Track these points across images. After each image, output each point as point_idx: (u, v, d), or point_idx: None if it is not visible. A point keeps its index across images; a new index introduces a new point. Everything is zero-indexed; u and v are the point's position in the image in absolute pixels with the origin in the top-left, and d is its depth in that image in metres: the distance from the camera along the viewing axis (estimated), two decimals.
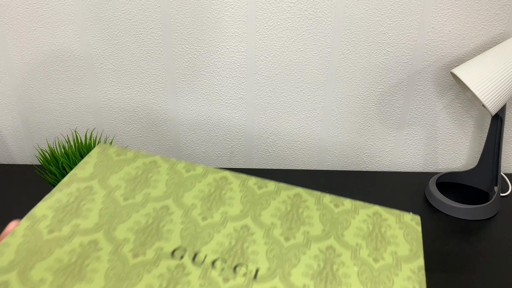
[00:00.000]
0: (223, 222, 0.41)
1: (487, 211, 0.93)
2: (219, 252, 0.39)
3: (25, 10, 0.92)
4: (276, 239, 0.40)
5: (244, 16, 0.92)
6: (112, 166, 0.47)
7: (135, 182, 0.45)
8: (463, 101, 1.02)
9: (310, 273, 0.38)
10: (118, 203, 0.43)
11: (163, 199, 0.43)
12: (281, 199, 0.43)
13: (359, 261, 0.39)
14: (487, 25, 0.92)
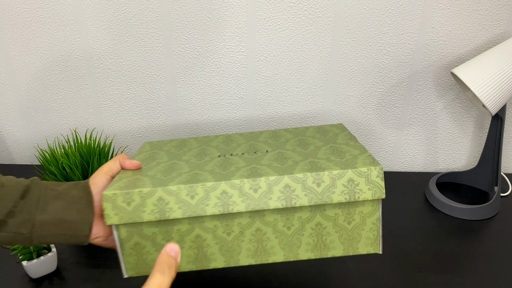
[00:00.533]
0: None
1: (487, 211, 0.93)
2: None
3: (25, 10, 0.92)
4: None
5: (244, 16, 0.92)
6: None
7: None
8: (463, 101, 1.02)
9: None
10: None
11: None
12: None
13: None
14: (487, 25, 0.92)
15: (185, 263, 0.58)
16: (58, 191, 0.59)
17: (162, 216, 0.55)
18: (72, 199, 0.59)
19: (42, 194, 0.59)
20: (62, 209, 0.58)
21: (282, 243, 0.57)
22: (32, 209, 0.57)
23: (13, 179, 0.59)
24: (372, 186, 0.56)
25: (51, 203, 0.58)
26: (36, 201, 0.58)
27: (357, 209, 0.57)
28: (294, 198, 0.55)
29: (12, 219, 0.57)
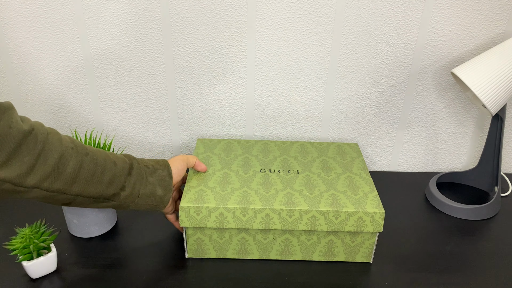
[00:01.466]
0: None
1: (488, 211, 0.93)
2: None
3: (25, 10, 0.92)
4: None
5: (244, 16, 0.92)
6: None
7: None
8: (463, 101, 1.02)
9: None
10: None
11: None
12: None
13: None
14: (487, 25, 0.92)
15: (230, 253, 0.80)
16: (150, 168, 0.74)
17: (221, 225, 0.76)
18: (160, 177, 0.74)
19: (142, 171, 0.72)
20: (155, 185, 0.73)
21: (302, 249, 0.80)
22: (137, 184, 0.71)
23: (117, 156, 0.72)
24: (375, 223, 0.76)
25: (148, 179, 0.73)
26: (140, 178, 0.72)
27: (361, 235, 0.78)
28: (317, 225, 0.76)
29: (123, 192, 0.70)
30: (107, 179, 0.68)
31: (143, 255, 0.81)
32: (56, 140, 0.64)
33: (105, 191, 0.68)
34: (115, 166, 0.69)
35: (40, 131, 0.62)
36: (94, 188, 0.67)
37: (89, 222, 0.83)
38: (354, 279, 0.77)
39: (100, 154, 0.69)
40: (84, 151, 0.67)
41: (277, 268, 0.79)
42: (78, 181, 0.65)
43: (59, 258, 0.79)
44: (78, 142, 0.67)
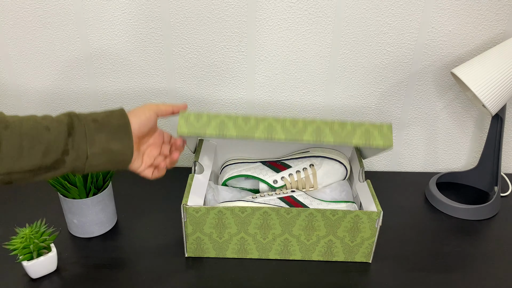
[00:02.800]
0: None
1: (487, 211, 0.93)
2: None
3: (25, 10, 0.92)
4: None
5: (244, 16, 0.92)
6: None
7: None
8: (463, 101, 1.02)
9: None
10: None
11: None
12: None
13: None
14: (487, 25, 0.92)
15: (230, 253, 0.80)
16: (99, 122, 0.65)
17: (221, 133, 0.72)
18: (114, 129, 0.66)
19: (87, 129, 0.64)
20: (107, 140, 0.65)
21: (302, 249, 0.80)
22: (82, 144, 0.63)
23: (52, 119, 0.63)
24: (383, 136, 0.72)
25: (96, 135, 0.64)
26: (84, 136, 0.63)
27: (360, 234, 0.78)
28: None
29: (68, 156, 0.62)
30: (40, 149, 0.60)
31: (143, 255, 0.81)
32: None
33: (42, 161, 0.60)
34: (47, 131, 0.61)
35: None
36: (26, 161, 0.60)
37: (89, 222, 0.83)
38: (353, 279, 0.77)
39: (27, 122, 0.61)
40: (2, 125, 0.59)
41: (277, 268, 0.79)
42: (3, 159, 0.58)
43: (59, 258, 0.79)
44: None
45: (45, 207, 0.92)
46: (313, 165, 0.93)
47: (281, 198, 0.85)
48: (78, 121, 0.64)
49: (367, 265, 0.80)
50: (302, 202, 0.85)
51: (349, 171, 0.95)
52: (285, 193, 0.87)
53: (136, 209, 0.93)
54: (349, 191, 0.91)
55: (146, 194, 0.98)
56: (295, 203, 0.84)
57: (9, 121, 0.59)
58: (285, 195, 0.86)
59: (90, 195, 0.82)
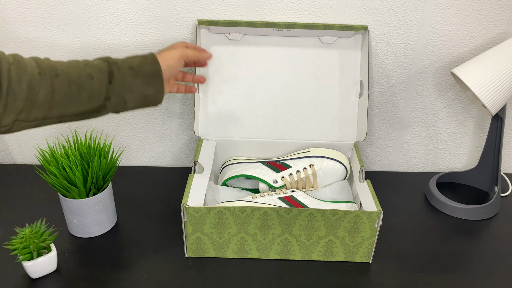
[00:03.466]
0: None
1: (487, 211, 0.93)
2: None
3: (25, 10, 0.92)
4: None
5: (244, 16, 0.92)
6: None
7: None
8: (463, 101, 1.02)
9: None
10: None
11: None
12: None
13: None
14: (487, 25, 0.92)
15: (230, 253, 0.80)
16: (134, 69, 0.70)
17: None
18: (148, 76, 0.72)
19: (125, 76, 0.69)
20: (142, 86, 0.71)
21: (302, 249, 0.80)
22: (121, 91, 0.69)
23: (94, 66, 0.68)
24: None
25: (133, 81, 0.70)
26: (123, 83, 0.69)
27: (360, 234, 0.78)
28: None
29: (109, 102, 0.68)
30: (86, 96, 0.66)
31: (143, 255, 0.81)
32: (20, 70, 0.60)
33: (88, 106, 0.67)
34: (91, 80, 0.66)
35: (2, 66, 0.59)
36: (74, 107, 0.65)
37: (89, 222, 0.83)
38: (353, 279, 0.77)
39: (73, 70, 0.66)
40: (53, 73, 0.63)
41: (277, 268, 0.79)
42: (55, 105, 0.63)
43: (59, 258, 0.79)
44: (45, 64, 0.64)
45: (45, 207, 0.92)
46: (313, 165, 0.93)
47: (281, 198, 0.85)
48: (117, 69, 0.69)
49: (367, 265, 0.80)
50: (302, 202, 0.85)
51: (349, 171, 0.95)
52: (285, 193, 0.87)
53: (136, 209, 0.93)
54: (349, 191, 0.91)
55: (146, 194, 0.98)
56: (295, 203, 0.84)
57: (58, 69, 0.64)
58: (285, 195, 0.86)
59: (90, 195, 0.82)
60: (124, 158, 1.09)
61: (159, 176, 1.05)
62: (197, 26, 0.90)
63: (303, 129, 0.99)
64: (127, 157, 1.09)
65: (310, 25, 0.89)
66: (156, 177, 1.05)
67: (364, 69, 0.92)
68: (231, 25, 0.88)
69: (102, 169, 0.81)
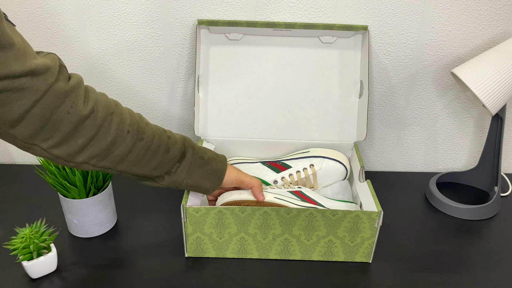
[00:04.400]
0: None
1: (488, 211, 0.93)
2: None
3: (25, 10, 0.92)
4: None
5: (244, 16, 0.92)
6: None
7: None
8: (463, 101, 1.02)
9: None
10: None
11: None
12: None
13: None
14: (488, 25, 0.92)
15: (230, 253, 0.80)
16: (204, 160, 0.74)
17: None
18: (212, 170, 0.75)
19: (193, 162, 0.73)
20: (202, 177, 0.74)
21: (302, 249, 0.80)
22: (182, 174, 0.72)
23: (175, 141, 0.71)
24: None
25: (197, 170, 0.73)
26: (188, 168, 0.72)
27: (360, 234, 0.78)
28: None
29: (168, 176, 0.72)
30: (154, 164, 0.69)
31: (143, 255, 0.81)
32: (114, 123, 0.63)
33: (150, 172, 0.70)
34: (167, 153, 0.70)
35: (100, 114, 0.62)
36: (139, 169, 0.69)
37: (89, 222, 0.83)
38: (353, 279, 0.77)
39: (157, 139, 0.69)
40: (139, 136, 0.66)
41: (277, 268, 0.79)
42: (125, 162, 0.66)
43: (59, 258, 0.79)
44: (138, 125, 0.67)
45: (45, 207, 0.92)
46: (313, 165, 0.92)
47: (291, 192, 0.84)
48: (191, 153, 0.73)
49: (367, 265, 0.80)
50: (311, 197, 0.84)
51: (349, 171, 0.95)
52: (292, 187, 0.86)
53: (136, 209, 0.93)
54: (350, 191, 0.91)
55: (146, 194, 0.98)
56: (305, 197, 0.84)
57: (145, 134, 0.67)
58: (293, 189, 0.85)
59: (90, 195, 0.82)
60: None
61: None
62: (197, 26, 0.90)
63: (303, 129, 0.98)
64: None
65: (310, 25, 0.89)
66: None
67: (364, 69, 0.92)
68: (231, 25, 0.88)
69: None
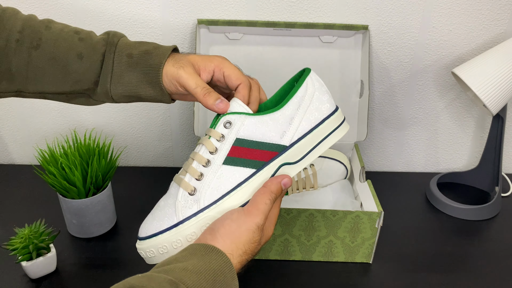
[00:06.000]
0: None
1: (488, 211, 0.93)
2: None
3: (25, 10, 0.92)
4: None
5: (243, 15, 0.92)
6: None
7: None
8: (464, 101, 1.01)
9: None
10: None
11: None
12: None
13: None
14: (488, 24, 0.92)
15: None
16: (134, 57, 0.55)
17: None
18: (146, 70, 0.55)
19: (116, 64, 0.55)
20: (137, 83, 0.55)
21: (302, 249, 0.79)
22: (106, 83, 0.55)
23: (92, 44, 0.55)
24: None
25: (125, 75, 0.55)
26: (110, 73, 0.55)
27: (360, 234, 0.77)
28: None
29: (98, 88, 0.56)
30: (70, 78, 0.55)
31: None
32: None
33: (73, 88, 0.56)
34: (80, 60, 0.54)
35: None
36: (55, 86, 0.55)
37: (89, 222, 0.83)
38: (353, 279, 0.77)
39: (62, 43, 0.54)
40: (34, 43, 0.53)
41: (277, 268, 0.79)
42: (30, 80, 0.54)
43: (58, 258, 0.79)
44: (32, 29, 0.54)
45: (45, 207, 0.92)
46: (313, 165, 0.92)
47: (226, 161, 0.55)
48: (109, 54, 0.55)
49: (367, 265, 0.80)
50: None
51: (350, 171, 0.95)
52: (220, 139, 0.56)
53: (136, 209, 0.93)
54: (350, 190, 0.91)
55: (146, 194, 0.97)
56: (249, 150, 0.55)
57: (42, 39, 0.54)
58: (227, 151, 0.56)
59: (90, 195, 0.81)
60: (123, 158, 1.09)
61: (159, 176, 1.04)
62: (197, 25, 0.90)
63: None
64: (126, 157, 1.09)
65: (310, 25, 0.89)
66: (156, 177, 1.04)
67: (364, 68, 0.92)
68: (231, 25, 0.88)
69: (102, 169, 0.81)
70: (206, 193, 0.51)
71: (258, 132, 0.52)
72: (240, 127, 0.52)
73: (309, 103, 0.55)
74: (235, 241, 0.47)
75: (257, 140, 0.52)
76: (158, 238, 0.51)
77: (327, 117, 0.55)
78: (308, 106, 0.55)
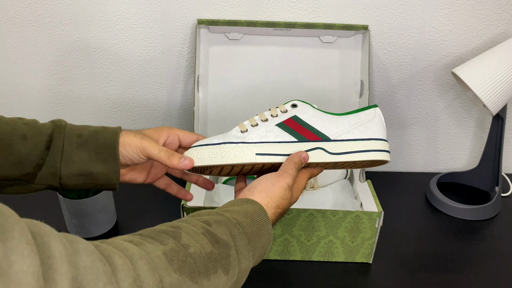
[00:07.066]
0: None
1: (488, 211, 0.93)
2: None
3: (24, 10, 0.92)
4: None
5: (244, 15, 0.92)
6: None
7: None
8: (464, 101, 1.01)
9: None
10: None
11: None
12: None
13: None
14: (488, 24, 0.92)
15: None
16: (83, 137, 0.57)
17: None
18: (98, 148, 0.56)
19: (66, 144, 0.56)
20: (88, 160, 0.56)
21: (302, 249, 0.80)
22: (56, 162, 0.55)
23: (35, 126, 0.56)
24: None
25: (75, 153, 0.56)
26: (60, 153, 0.55)
27: (360, 234, 0.77)
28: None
29: (40, 172, 0.55)
30: (11, 160, 0.54)
31: None
32: None
33: (12, 172, 0.54)
34: (24, 141, 0.54)
35: None
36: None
37: (89, 222, 0.83)
38: (353, 279, 0.77)
39: (4, 127, 0.54)
40: None
41: (277, 268, 0.79)
42: None
43: None
44: None
45: (45, 207, 0.92)
46: None
47: (280, 124, 0.62)
48: (58, 134, 0.56)
49: (367, 265, 0.80)
50: (311, 126, 0.63)
51: (349, 170, 0.95)
52: (283, 111, 0.63)
53: (136, 209, 0.93)
54: (350, 190, 0.91)
55: (146, 194, 0.98)
56: (300, 126, 0.62)
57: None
58: (284, 119, 0.63)
59: (90, 195, 0.82)
60: None
61: None
62: (197, 25, 0.90)
63: None
64: None
65: (310, 25, 0.89)
66: None
67: (364, 69, 0.92)
68: (231, 25, 0.88)
69: None
70: (253, 135, 0.61)
71: (314, 121, 0.62)
72: (301, 111, 0.62)
73: (366, 123, 0.63)
74: (269, 195, 0.55)
75: (310, 124, 0.62)
76: (201, 147, 0.61)
77: (375, 139, 0.62)
78: (363, 124, 0.63)
